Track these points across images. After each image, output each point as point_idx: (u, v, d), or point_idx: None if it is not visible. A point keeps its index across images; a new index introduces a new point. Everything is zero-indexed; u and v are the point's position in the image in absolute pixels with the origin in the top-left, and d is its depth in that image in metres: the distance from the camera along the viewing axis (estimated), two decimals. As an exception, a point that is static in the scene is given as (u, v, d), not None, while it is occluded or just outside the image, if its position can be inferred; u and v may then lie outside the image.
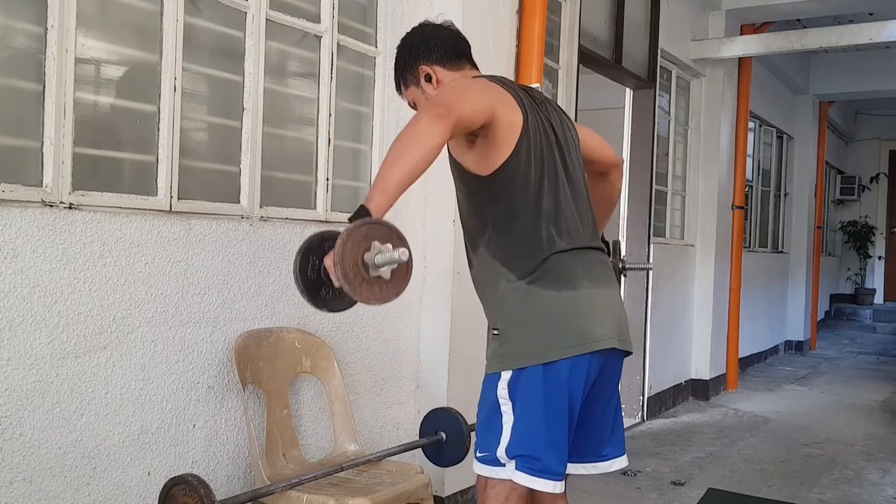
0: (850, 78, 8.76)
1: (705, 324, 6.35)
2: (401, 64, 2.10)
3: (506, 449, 1.87)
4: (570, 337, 1.85)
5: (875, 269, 12.43)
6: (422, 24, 2.13)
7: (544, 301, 1.87)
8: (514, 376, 1.86)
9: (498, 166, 1.88)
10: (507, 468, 1.88)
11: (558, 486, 1.87)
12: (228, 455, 2.58)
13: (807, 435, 5.24)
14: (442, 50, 2.05)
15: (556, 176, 1.94)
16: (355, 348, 3.09)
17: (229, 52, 2.68)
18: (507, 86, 1.96)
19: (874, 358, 9.06)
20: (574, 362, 1.84)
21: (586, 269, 1.93)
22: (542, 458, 1.85)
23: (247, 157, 2.69)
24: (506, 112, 1.87)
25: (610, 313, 1.93)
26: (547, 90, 4.18)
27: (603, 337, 1.88)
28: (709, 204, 6.35)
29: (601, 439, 2.03)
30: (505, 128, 1.86)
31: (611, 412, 2.03)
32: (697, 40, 6.07)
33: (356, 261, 1.56)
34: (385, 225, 1.61)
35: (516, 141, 1.87)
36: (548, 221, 1.90)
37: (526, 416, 1.86)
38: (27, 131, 2.12)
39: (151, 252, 2.33)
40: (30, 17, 2.11)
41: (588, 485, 1.90)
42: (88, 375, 2.18)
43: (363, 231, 1.57)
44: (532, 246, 1.89)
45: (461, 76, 2.05)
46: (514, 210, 1.90)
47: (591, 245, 1.99)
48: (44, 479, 2.08)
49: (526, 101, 1.95)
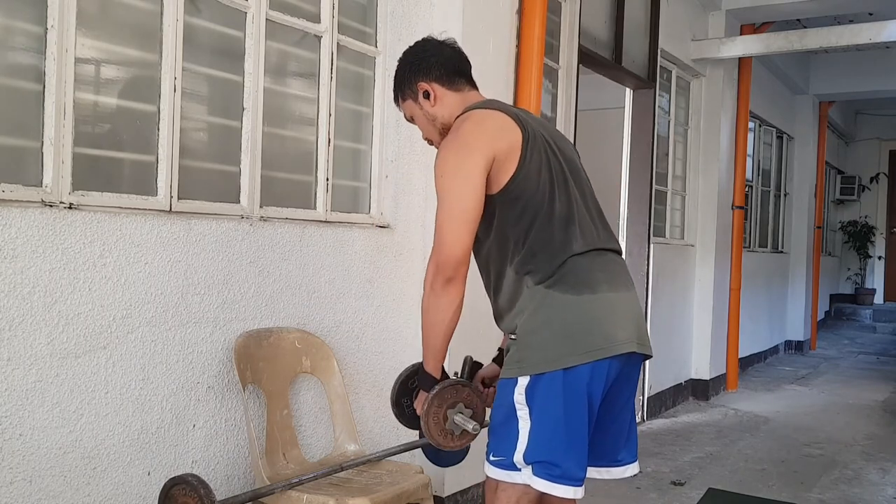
0: (850, 78, 8.76)
1: (705, 324, 6.35)
2: (400, 77, 2.12)
3: (523, 454, 1.87)
4: (591, 341, 1.85)
5: (875, 269, 12.43)
6: (424, 39, 2.15)
7: (563, 305, 1.87)
8: (531, 382, 1.86)
9: (507, 180, 1.90)
10: (524, 473, 1.88)
11: (579, 491, 1.88)
12: (228, 455, 2.58)
13: (807, 435, 5.24)
14: (442, 68, 2.07)
15: (563, 179, 1.96)
16: (355, 348, 3.09)
17: (229, 52, 2.68)
18: (500, 109, 1.99)
19: (874, 358, 9.06)
20: (595, 367, 1.84)
21: (605, 271, 1.94)
22: (562, 464, 1.85)
23: (247, 157, 2.69)
24: (504, 139, 1.91)
25: (629, 317, 1.93)
26: (547, 90, 4.18)
27: (624, 341, 1.88)
28: (709, 204, 6.35)
29: (617, 444, 2.03)
30: (507, 151, 1.90)
31: (627, 417, 2.04)
32: (697, 40, 6.07)
33: (439, 416, 1.98)
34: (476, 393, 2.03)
35: (520, 154, 1.90)
36: (563, 224, 1.92)
37: (544, 421, 1.86)
38: (27, 131, 2.12)
39: (151, 252, 2.33)
40: (30, 17, 2.11)
41: (588, 484, 1.90)
42: (88, 375, 2.18)
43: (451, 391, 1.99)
44: (549, 249, 1.90)
45: (460, 98, 2.07)
46: (530, 216, 1.91)
47: (607, 247, 2.00)
48: (44, 479, 2.08)
49: (522, 115, 1.99)
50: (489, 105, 2.02)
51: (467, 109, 2.02)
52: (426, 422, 1.96)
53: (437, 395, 1.96)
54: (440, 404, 1.97)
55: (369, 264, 3.14)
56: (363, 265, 3.11)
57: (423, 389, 2.02)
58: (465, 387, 2.01)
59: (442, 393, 1.97)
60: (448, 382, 1.99)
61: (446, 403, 1.97)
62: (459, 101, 2.07)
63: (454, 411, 1.98)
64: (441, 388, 1.97)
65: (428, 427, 1.96)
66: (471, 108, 2.02)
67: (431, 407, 1.96)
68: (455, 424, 1.98)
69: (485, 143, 1.90)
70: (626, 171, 5.50)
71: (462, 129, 1.94)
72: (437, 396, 1.96)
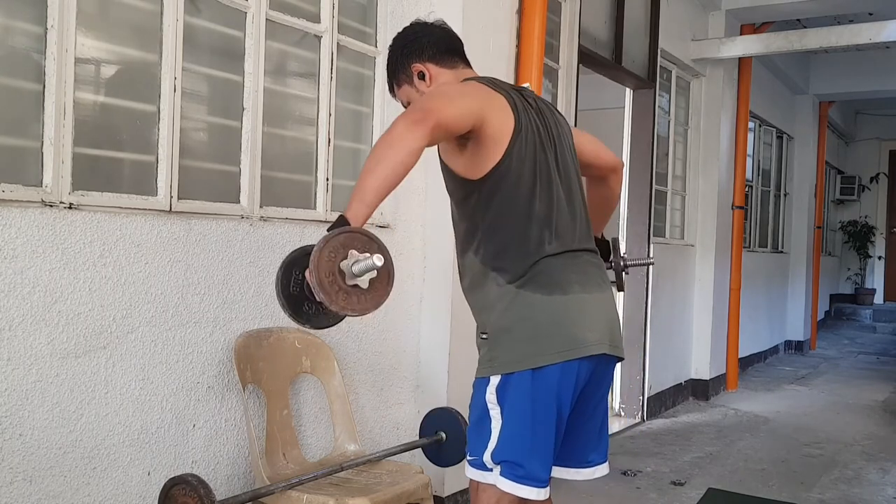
0: (850, 78, 8.76)
1: (705, 324, 6.35)
2: (393, 63, 2.07)
3: (492, 454, 1.85)
4: (560, 342, 1.82)
5: (875, 269, 12.43)
6: (413, 23, 2.10)
7: (534, 305, 1.84)
8: (502, 381, 1.84)
9: (489, 169, 1.85)
10: (493, 473, 1.87)
11: (542, 493, 1.85)
12: (228, 455, 2.58)
13: (807, 435, 5.24)
14: (434, 47, 2.03)
15: (549, 177, 1.91)
16: (355, 348, 3.09)
17: (229, 52, 2.68)
18: (497, 87, 1.93)
19: (874, 358, 9.06)
20: (564, 368, 1.82)
21: (578, 272, 1.90)
22: (526, 465, 1.83)
23: (247, 157, 2.69)
24: (495, 115, 1.84)
25: (601, 318, 1.90)
26: (547, 90, 4.18)
27: (594, 342, 1.85)
28: (709, 204, 6.35)
29: (587, 445, 2.01)
30: (495, 131, 1.84)
31: (598, 418, 2.01)
32: (697, 40, 6.07)
33: (332, 269, 1.51)
34: (364, 234, 1.57)
35: (507, 143, 1.85)
36: (540, 224, 1.88)
37: (513, 421, 1.84)
38: (27, 131, 2.12)
39: (151, 252, 2.33)
40: (30, 17, 2.11)
41: (588, 485, 1.90)
42: (88, 375, 2.18)
43: (340, 240, 1.53)
44: (522, 249, 1.87)
45: (454, 75, 2.02)
46: (505, 213, 1.87)
47: (583, 247, 1.96)
48: (44, 479, 2.09)
49: (518, 103, 1.92)
50: (488, 81, 1.95)
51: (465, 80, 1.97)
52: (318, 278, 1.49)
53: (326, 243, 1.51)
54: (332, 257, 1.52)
55: (369, 264, 3.13)
56: (363, 265, 3.10)
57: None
58: (358, 233, 1.57)
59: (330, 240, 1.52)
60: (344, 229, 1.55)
61: (339, 255, 1.53)
62: (455, 77, 2.02)
63: (348, 262, 1.54)
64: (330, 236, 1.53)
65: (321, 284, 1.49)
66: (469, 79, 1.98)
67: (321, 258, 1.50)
68: (353, 274, 1.53)
69: (481, 99, 1.84)
70: (626, 171, 5.50)
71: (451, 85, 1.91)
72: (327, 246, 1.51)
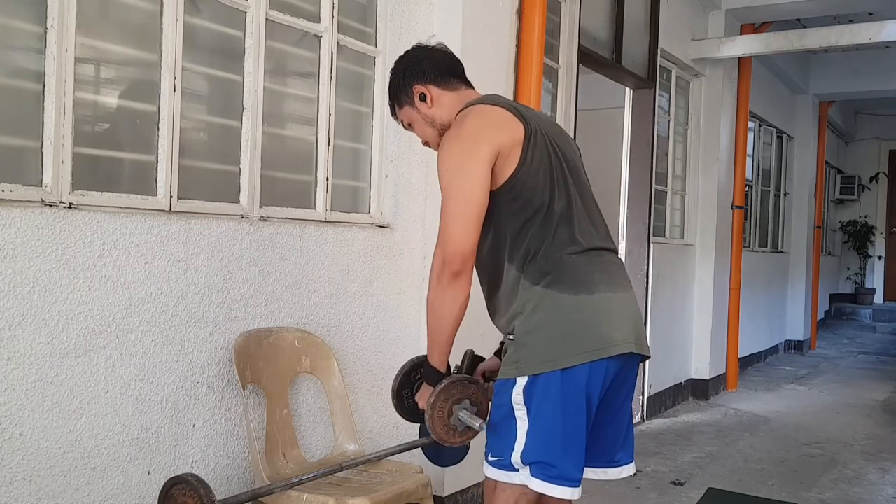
0: (850, 78, 8.76)
1: (705, 323, 6.35)
2: (395, 86, 2.13)
3: (521, 455, 1.87)
4: (589, 342, 1.85)
5: (875, 269, 12.44)
6: (414, 46, 2.16)
7: (561, 305, 1.87)
8: (529, 382, 1.86)
9: (507, 177, 1.90)
10: (522, 474, 1.88)
11: (576, 492, 1.88)
12: (228, 455, 2.58)
13: (807, 435, 5.24)
14: (435, 70, 2.08)
15: (563, 177, 1.96)
16: (355, 348, 3.09)
17: (229, 51, 2.68)
18: (499, 103, 1.98)
19: (874, 358, 9.06)
20: (592, 367, 1.84)
21: (602, 271, 1.93)
22: (559, 465, 1.85)
23: (247, 157, 2.69)
24: (505, 134, 1.90)
25: (627, 317, 1.93)
26: (547, 90, 4.18)
27: (621, 341, 1.88)
28: (709, 204, 6.35)
29: (614, 444, 2.03)
30: (510, 147, 1.90)
31: (625, 417, 2.04)
32: (697, 40, 6.07)
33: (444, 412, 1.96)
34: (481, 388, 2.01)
35: (521, 151, 1.90)
36: (561, 223, 1.91)
37: (542, 422, 1.86)
38: (27, 131, 2.12)
39: (151, 252, 2.33)
40: (30, 17, 2.11)
41: (587, 484, 1.90)
42: (88, 375, 2.18)
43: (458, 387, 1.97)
44: (547, 249, 1.90)
45: (457, 96, 2.08)
46: (529, 215, 1.91)
47: (605, 246, 2.00)
48: (44, 479, 2.08)
49: (524, 111, 1.98)
50: (490, 100, 2.02)
51: (468, 105, 2.01)
52: (431, 416, 1.94)
53: (444, 389, 1.94)
54: (446, 399, 1.95)
55: (369, 264, 3.14)
56: (363, 265, 3.11)
57: (427, 383, 2.02)
58: (473, 383, 2.00)
59: (449, 388, 1.95)
60: (456, 378, 1.97)
61: (452, 399, 1.96)
62: (456, 99, 2.07)
63: (459, 407, 1.96)
64: (449, 382, 1.95)
65: (432, 421, 1.94)
66: (471, 103, 2.01)
67: (437, 401, 1.94)
68: (459, 421, 1.96)
69: (489, 136, 1.89)
70: (625, 171, 5.50)
71: (465, 122, 1.94)
72: (444, 391, 1.94)
